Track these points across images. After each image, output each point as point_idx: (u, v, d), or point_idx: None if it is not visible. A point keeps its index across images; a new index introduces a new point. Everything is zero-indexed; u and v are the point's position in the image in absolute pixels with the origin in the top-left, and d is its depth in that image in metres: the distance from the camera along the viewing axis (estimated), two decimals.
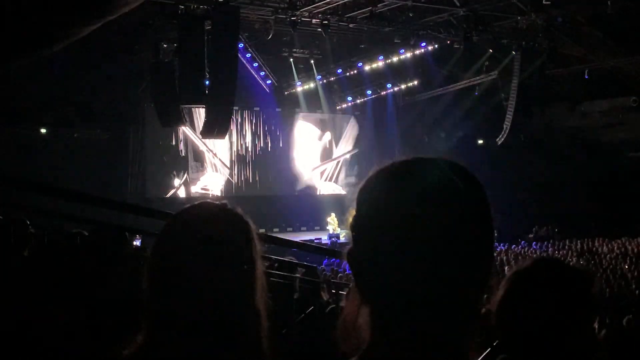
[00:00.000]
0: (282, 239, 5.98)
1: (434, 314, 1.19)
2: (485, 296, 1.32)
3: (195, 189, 30.32)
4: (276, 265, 6.60)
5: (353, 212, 1.27)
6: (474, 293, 1.23)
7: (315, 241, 25.33)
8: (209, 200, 1.99)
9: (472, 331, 1.24)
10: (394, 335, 1.21)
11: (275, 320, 1.90)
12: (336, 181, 34.56)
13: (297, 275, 6.83)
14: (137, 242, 12.09)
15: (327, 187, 34.22)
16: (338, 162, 34.62)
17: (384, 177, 1.26)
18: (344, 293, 6.92)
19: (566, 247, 25.65)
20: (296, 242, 6.48)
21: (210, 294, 1.72)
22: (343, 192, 34.01)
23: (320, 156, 34.20)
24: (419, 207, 1.18)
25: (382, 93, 31.97)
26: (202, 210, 1.87)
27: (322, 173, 34.32)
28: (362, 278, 1.25)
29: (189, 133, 29.55)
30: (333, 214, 29.01)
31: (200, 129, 23.37)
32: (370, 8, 22.24)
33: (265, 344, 1.81)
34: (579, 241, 26.25)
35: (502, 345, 2.22)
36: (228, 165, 31.51)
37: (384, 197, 1.23)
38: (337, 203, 30.92)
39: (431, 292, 1.17)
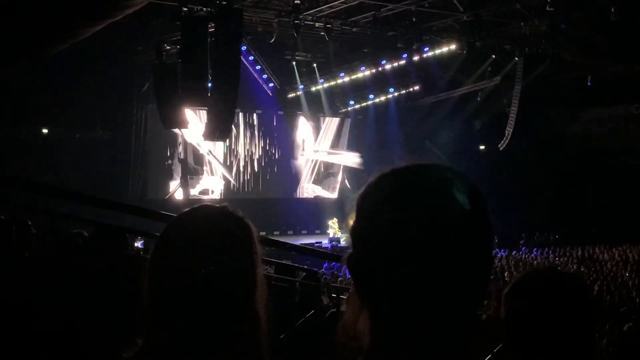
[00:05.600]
0: (284, 242, 5.97)
1: (434, 319, 1.19)
2: (484, 302, 1.32)
3: (195, 191, 30.37)
4: (272, 268, 6.59)
5: (354, 217, 1.28)
6: (474, 298, 1.23)
7: (316, 245, 25.34)
8: (209, 202, 1.99)
9: (472, 337, 1.24)
10: (394, 340, 1.21)
11: (275, 324, 1.89)
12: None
13: (298, 279, 6.82)
14: (139, 244, 12.08)
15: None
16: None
17: (385, 183, 1.26)
18: (344, 297, 6.91)
19: (567, 253, 25.64)
20: (298, 245, 6.46)
21: (209, 297, 1.72)
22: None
23: (321, 160, 34.22)
24: (420, 213, 1.19)
25: (385, 97, 31.96)
26: (202, 213, 1.86)
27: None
28: (362, 283, 1.25)
29: (187, 137, 29.56)
30: (335, 219, 29.06)
31: (203, 131, 23.42)
32: (373, 12, 22.24)
33: (264, 347, 1.80)
34: (579, 248, 26.25)
35: (510, 355, 2.22)
36: (228, 168, 31.53)
37: (385, 203, 1.23)
38: (338, 207, 30.95)
39: (431, 297, 1.17)
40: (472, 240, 1.22)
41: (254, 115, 32.14)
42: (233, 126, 25.31)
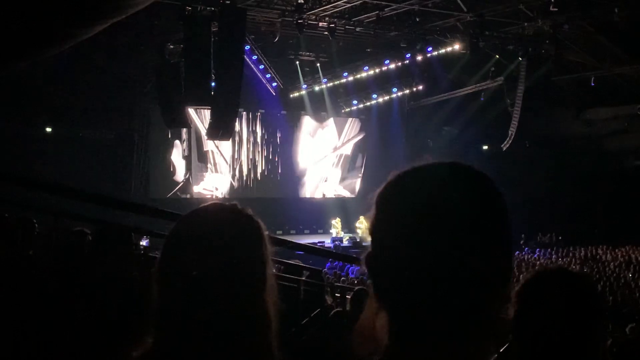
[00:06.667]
0: (293, 242, 5.95)
1: (452, 319, 1.18)
2: (505, 304, 1.32)
3: (198, 188, 30.37)
4: (279, 267, 6.59)
5: (371, 216, 1.27)
6: (494, 300, 1.22)
7: (319, 244, 25.34)
8: (218, 201, 1.98)
9: (489, 338, 1.24)
10: (411, 340, 1.20)
11: (280, 323, 1.89)
12: (336, 182, 34.54)
13: (302, 278, 6.81)
14: (144, 242, 12.09)
15: (328, 189, 34.18)
16: (338, 160, 34.60)
17: (404, 182, 1.26)
18: (348, 297, 6.92)
19: (569, 254, 25.64)
20: (309, 245, 6.44)
21: (220, 296, 1.71)
22: (348, 194, 34.03)
23: (324, 160, 34.19)
24: (440, 212, 1.18)
25: (388, 97, 31.92)
26: (212, 211, 1.85)
27: (325, 176, 34.34)
28: (380, 283, 1.25)
29: (196, 134, 29.57)
30: (338, 218, 29.06)
31: (206, 130, 23.44)
32: (377, 12, 22.25)
33: (274, 346, 1.80)
34: (582, 248, 26.23)
35: (518, 355, 2.22)
36: (232, 166, 31.53)
37: (404, 202, 1.22)
38: (340, 207, 30.94)
39: (450, 298, 1.17)
40: (493, 241, 1.21)
41: (258, 114, 32.13)
42: (236, 125, 25.34)
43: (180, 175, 30.07)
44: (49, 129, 25.98)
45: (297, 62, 28.45)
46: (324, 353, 4.95)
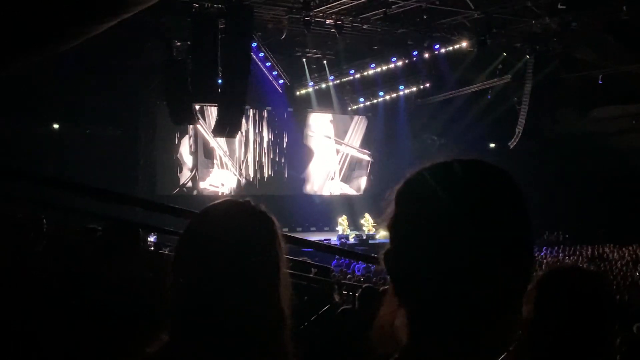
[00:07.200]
0: (307, 240, 5.94)
1: (472, 317, 1.17)
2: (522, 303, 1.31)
3: (204, 185, 30.42)
4: (290, 264, 6.58)
5: (390, 212, 1.26)
6: (513, 298, 1.21)
7: (325, 242, 25.34)
8: (231, 197, 1.97)
9: (510, 335, 1.23)
10: (432, 337, 1.19)
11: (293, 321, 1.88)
12: (343, 180, 34.55)
13: (310, 275, 6.81)
14: (152, 238, 12.09)
15: (334, 187, 34.18)
16: (344, 160, 34.59)
17: (426, 179, 1.25)
18: (356, 294, 6.90)
19: (576, 252, 25.58)
20: (324, 244, 6.44)
21: (235, 293, 1.71)
22: (353, 192, 34.02)
23: (330, 157, 34.19)
24: (462, 210, 1.17)
25: (395, 95, 31.87)
26: (227, 208, 1.85)
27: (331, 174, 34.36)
28: (399, 279, 1.24)
29: (203, 131, 29.60)
30: (344, 216, 29.05)
31: (212, 127, 23.46)
32: (384, 9, 22.18)
33: (289, 344, 1.80)
34: (589, 247, 26.17)
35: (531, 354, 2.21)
36: (238, 163, 31.55)
37: (426, 198, 1.21)
38: (347, 204, 30.92)
39: (470, 295, 1.16)
40: (514, 238, 1.20)
41: (264, 112, 32.15)
42: (243, 122, 25.34)
43: (186, 171, 30.12)
44: (55, 126, 26.04)
45: (304, 60, 28.44)
46: (332, 350, 4.95)
